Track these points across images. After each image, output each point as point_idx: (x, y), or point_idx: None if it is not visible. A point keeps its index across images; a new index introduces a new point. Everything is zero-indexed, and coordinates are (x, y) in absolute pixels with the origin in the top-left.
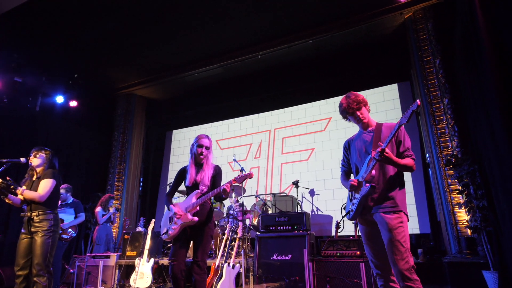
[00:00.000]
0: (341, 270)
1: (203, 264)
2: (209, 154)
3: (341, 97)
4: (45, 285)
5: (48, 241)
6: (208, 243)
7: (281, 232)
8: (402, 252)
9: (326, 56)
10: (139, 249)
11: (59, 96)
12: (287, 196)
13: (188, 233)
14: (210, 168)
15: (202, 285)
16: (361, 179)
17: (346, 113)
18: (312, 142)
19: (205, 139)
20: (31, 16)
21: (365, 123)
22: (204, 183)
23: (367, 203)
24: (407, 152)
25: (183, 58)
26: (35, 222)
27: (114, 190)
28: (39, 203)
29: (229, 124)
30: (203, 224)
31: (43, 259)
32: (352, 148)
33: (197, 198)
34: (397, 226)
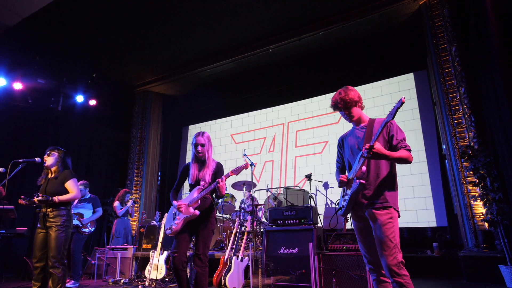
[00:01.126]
0: (347, 264)
1: (204, 257)
2: (208, 151)
3: (357, 88)
4: (60, 276)
5: (61, 236)
6: (209, 237)
7: (289, 226)
8: (390, 247)
9: (339, 47)
10: (154, 242)
11: (79, 95)
12: (299, 189)
13: (190, 227)
14: (211, 165)
15: (204, 278)
16: (352, 175)
17: (334, 109)
18: (325, 135)
19: (199, 137)
20: (50, 20)
21: (356, 120)
22: (205, 180)
23: (358, 199)
24: (400, 143)
25: (196, 54)
26: (50, 218)
27: (134, 185)
28: None
29: (243, 118)
30: (204, 218)
31: (58, 252)
32: (345, 145)
33: (198, 193)
34: (386, 222)
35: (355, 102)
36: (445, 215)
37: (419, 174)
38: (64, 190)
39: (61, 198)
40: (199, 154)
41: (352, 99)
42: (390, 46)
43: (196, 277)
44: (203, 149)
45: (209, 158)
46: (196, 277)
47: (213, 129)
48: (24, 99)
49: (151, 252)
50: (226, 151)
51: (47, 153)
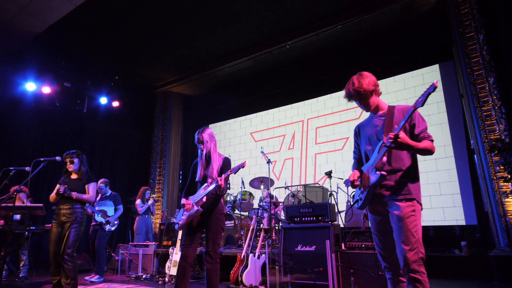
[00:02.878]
0: (366, 262)
1: (214, 253)
2: (210, 148)
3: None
4: (71, 269)
5: (75, 232)
6: (218, 234)
7: (306, 223)
8: (412, 242)
9: (358, 41)
10: (173, 239)
11: (103, 97)
12: (318, 186)
13: (196, 222)
14: (218, 161)
15: (214, 274)
16: (371, 166)
17: (348, 100)
18: (346, 131)
19: (197, 135)
20: (73, 26)
21: (374, 109)
22: (211, 176)
23: (378, 192)
24: (423, 133)
25: (214, 54)
26: (65, 215)
27: (156, 184)
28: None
29: (263, 116)
30: (212, 215)
31: (70, 247)
32: (362, 134)
33: (204, 190)
34: (409, 214)
35: (370, 92)
36: (475, 213)
37: (446, 170)
38: (84, 190)
39: (78, 196)
40: (203, 152)
41: (367, 89)
42: (412, 37)
43: (207, 274)
44: (204, 147)
45: (214, 154)
46: (207, 274)
47: (232, 128)
48: (52, 102)
49: (170, 249)
50: (246, 149)
51: (69, 159)
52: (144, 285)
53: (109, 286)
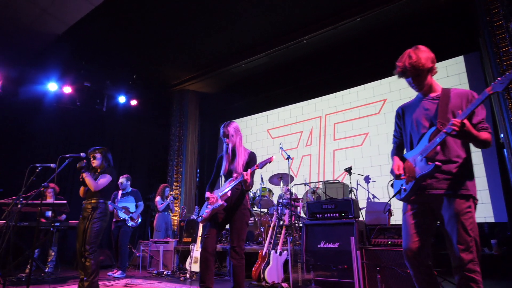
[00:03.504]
0: (392, 260)
1: (240, 249)
2: (235, 142)
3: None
4: (89, 266)
5: (95, 227)
6: (242, 229)
7: (328, 220)
8: (467, 241)
9: (378, 34)
10: (194, 235)
11: (121, 96)
12: (338, 183)
13: (220, 217)
14: (243, 156)
15: (240, 270)
16: (421, 155)
17: (400, 76)
18: (366, 127)
19: (222, 129)
20: (93, 26)
21: (426, 90)
22: (236, 171)
23: (425, 183)
24: (481, 124)
25: (229, 51)
26: (88, 209)
27: (174, 181)
28: (94, 193)
29: (279, 113)
30: (237, 210)
31: (89, 242)
32: (407, 117)
33: (229, 184)
34: (465, 211)
35: (427, 69)
36: (505, 210)
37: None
38: None
39: (86, 178)
40: (228, 146)
41: (425, 65)
42: (435, 28)
43: (233, 270)
44: (231, 140)
45: (239, 148)
46: (233, 270)
47: (249, 125)
48: (73, 102)
49: (191, 245)
50: (263, 146)
51: (91, 155)
52: (166, 281)
53: (132, 282)
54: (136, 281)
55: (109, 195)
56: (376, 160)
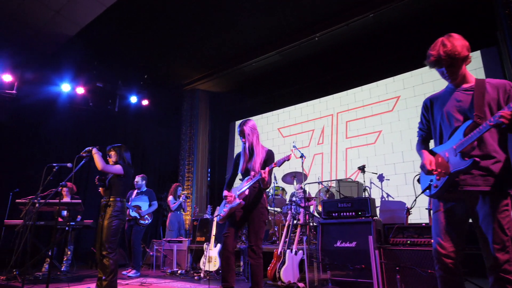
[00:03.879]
0: (412, 260)
1: (257, 248)
2: (252, 140)
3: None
4: (107, 265)
5: (111, 225)
6: (260, 228)
7: (344, 219)
8: (504, 240)
9: (391, 30)
10: (207, 234)
11: (133, 96)
12: (352, 181)
13: (238, 215)
14: (261, 154)
15: (258, 269)
16: (454, 149)
17: (433, 66)
18: (379, 124)
19: (239, 128)
20: (104, 27)
21: (459, 81)
22: (254, 169)
23: (460, 179)
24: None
25: (240, 49)
26: (105, 208)
27: (185, 181)
28: (111, 191)
29: (290, 111)
30: (254, 209)
31: (107, 240)
32: (436, 109)
33: (247, 183)
34: (502, 209)
35: (462, 58)
36: None
37: None
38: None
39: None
40: (245, 145)
41: (461, 53)
42: (450, 23)
43: (251, 269)
44: (247, 139)
45: (257, 146)
46: (251, 269)
47: (259, 124)
48: (85, 102)
49: (205, 244)
50: (274, 145)
51: (108, 154)
52: (180, 280)
53: (147, 281)
54: (150, 280)
55: (125, 193)
56: (390, 158)
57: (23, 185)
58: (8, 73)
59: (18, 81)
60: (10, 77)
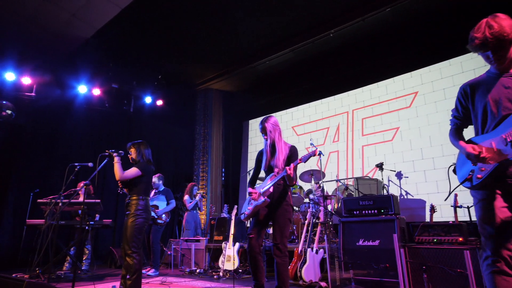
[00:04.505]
0: (439, 259)
1: (283, 246)
2: (274, 137)
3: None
4: (131, 265)
5: (134, 224)
6: (285, 226)
7: (366, 217)
8: None
9: (408, 24)
10: (225, 233)
11: (147, 97)
12: (371, 179)
13: (263, 214)
14: (284, 150)
15: (284, 268)
16: (508, 138)
17: (477, 50)
18: (396, 121)
19: (260, 125)
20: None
21: (507, 65)
22: (277, 166)
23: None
24: None
25: (253, 47)
26: (128, 206)
27: (200, 180)
28: (132, 190)
29: (304, 109)
30: (279, 206)
31: (129, 240)
32: (478, 95)
33: (271, 180)
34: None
35: (511, 40)
36: None
37: None
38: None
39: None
40: (267, 142)
41: (510, 34)
42: (470, 15)
43: (277, 268)
44: (269, 136)
45: (279, 143)
46: (277, 268)
47: None
48: (101, 103)
49: (223, 243)
50: None
51: (128, 151)
52: (199, 279)
53: (167, 280)
54: (170, 279)
55: (148, 191)
56: (408, 155)
57: (43, 186)
58: (27, 76)
59: (36, 84)
60: (29, 80)
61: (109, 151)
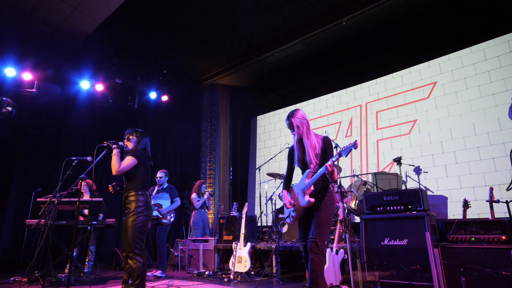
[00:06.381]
0: (479, 259)
1: (321, 243)
2: (303, 132)
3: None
4: (134, 268)
5: (134, 223)
6: (325, 221)
7: (392, 213)
8: None
9: (427, 10)
10: (235, 233)
11: (152, 92)
12: (391, 174)
13: (305, 215)
14: (316, 143)
15: (319, 267)
16: None
17: None
18: (413, 113)
19: (287, 120)
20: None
21: None
22: (312, 162)
23: None
24: None
25: (261, 40)
26: (126, 203)
27: (207, 178)
28: (128, 184)
29: (315, 104)
30: (319, 203)
31: (131, 241)
32: None
33: (309, 178)
34: None
35: None
36: None
37: None
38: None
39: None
40: (297, 137)
41: None
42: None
43: (311, 264)
44: (297, 132)
45: (309, 136)
46: (311, 264)
47: (282, 118)
48: (105, 99)
49: (233, 243)
50: None
51: (126, 137)
52: (209, 283)
53: (175, 283)
54: (178, 282)
55: (146, 184)
56: (427, 149)
57: (45, 185)
58: (28, 71)
59: (37, 80)
60: (30, 76)
61: (107, 142)
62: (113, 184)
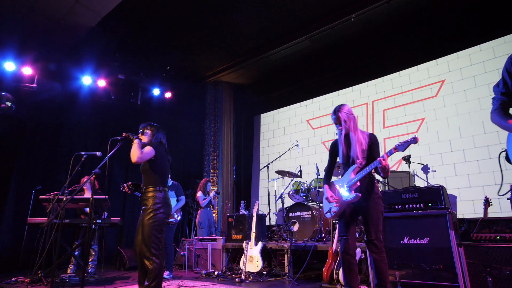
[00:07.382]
0: (506, 259)
1: (379, 242)
2: (350, 126)
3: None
4: (151, 269)
5: (151, 221)
6: (378, 220)
7: (411, 211)
8: None
9: (436, 7)
10: (244, 232)
11: (155, 89)
12: (401, 172)
13: (348, 211)
14: (363, 139)
15: (383, 265)
16: None
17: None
18: (421, 112)
19: (333, 115)
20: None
21: None
22: (358, 157)
23: None
24: None
25: (266, 36)
26: (143, 199)
27: (210, 176)
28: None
29: (320, 102)
30: (368, 199)
31: (148, 240)
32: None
33: (355, 174)
34: None
35: None
36: None
37: None
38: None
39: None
40: (342, 132)
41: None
42: None
43: (375, 265)
44: (344, 127)
45: (356, 132)
46: (375, 265)
47: (286, 116)
48: (107, 95)
49: (244, 243)
50: (303, 138)
51: (141, 131)
52: (219, 283)
53: (184, 283)
54: (188, 283)
55: (165, 180)
56: (436, 147)
57: (45, 183)
58: (28, 66)
59: (38, 75)
60: (30, 70)
61: (127, 134)
62: (128, 184)
